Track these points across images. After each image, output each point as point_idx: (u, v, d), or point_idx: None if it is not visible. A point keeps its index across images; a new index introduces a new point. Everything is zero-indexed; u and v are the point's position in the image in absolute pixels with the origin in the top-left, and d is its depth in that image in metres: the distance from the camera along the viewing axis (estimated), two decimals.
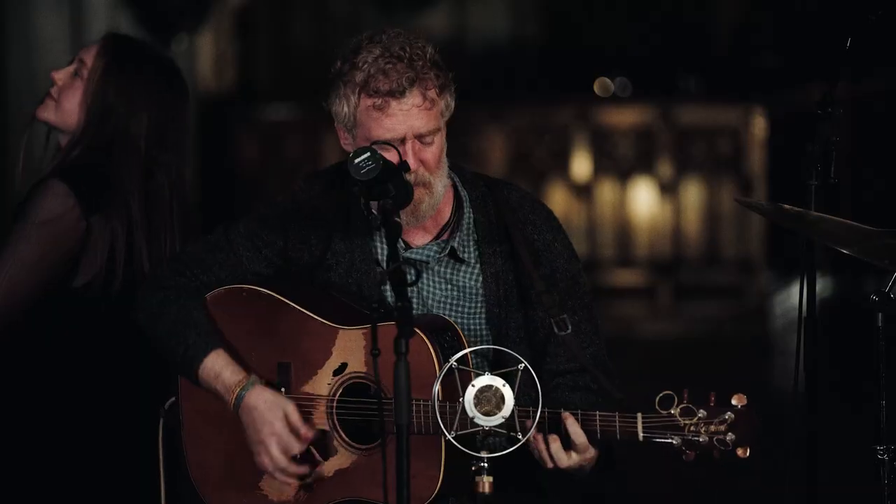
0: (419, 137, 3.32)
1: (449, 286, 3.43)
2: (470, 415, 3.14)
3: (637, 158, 11.47)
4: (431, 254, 3.42)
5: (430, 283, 3.43)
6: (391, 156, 3.24)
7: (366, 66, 3.31)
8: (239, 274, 3.43)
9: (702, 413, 3.12)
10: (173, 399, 3.49)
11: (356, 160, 3.16)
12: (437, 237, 3.43)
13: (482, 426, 3.14)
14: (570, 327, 3.31)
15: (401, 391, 2.84)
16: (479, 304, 3.42)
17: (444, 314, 3.40)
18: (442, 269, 3.43)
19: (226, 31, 12.49)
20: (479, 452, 3.16)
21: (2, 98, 8.72)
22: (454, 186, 3.46)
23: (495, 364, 3.32)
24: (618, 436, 3.15)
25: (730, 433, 3.10)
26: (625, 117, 11.58)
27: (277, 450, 3.28)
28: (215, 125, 11.59)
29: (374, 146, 3.21)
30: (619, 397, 3.23)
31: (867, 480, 3.38)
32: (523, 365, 3.17)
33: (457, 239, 3.42)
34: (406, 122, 3.30)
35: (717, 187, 11.42)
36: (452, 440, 3.14)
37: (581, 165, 11.44)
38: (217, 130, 11.60)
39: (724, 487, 6.60)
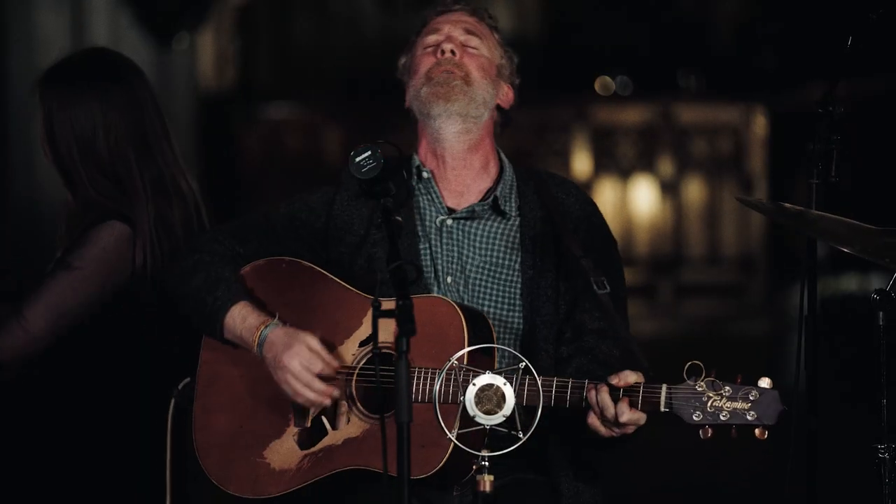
0: (463, 45, 3.47)
1: (486, 249, 3.45)
2: (471, 413, 3.14)
3: (638, 157, 11.48)
4: (476, 207, 3.47)
5: (469, 249, 3.46)
6: (392, 153, 3.26)
7: (425, 16, 3.53)
8: (275, 251, 3.48)
9: (727, 390, 3.12)
10: (188, 380, 3.52)
11: (357, 158, 3.16)
12: (482, 200, 3.49)
13: (483, 425, 3.14)
14: (608, 287, 3.30)
15: (401, 390, 2.84)
16: (515, 270, 3.45)
17: (481, 280, 3.43)
18: (483, 224, 3.46)
19: (226, 30, 12.50)
20: (479, 451, 3.15)
21: (2, 98, 8.71)
22: (499, 157, 3.58)
23: (526, 343, 3.37)
24: (639, 406, 3.14)
25: (752, 411, 3.10)
26: (626, 116, 11.59)
27: (300, 367, 3.27)
28: (216, 124, 11.59)
29: (374, 144, 3.21)
30: (645, 366, 3.21)
31: (867, 480, 3.37)
32: (524, 364, 3.17)
33: (499, 189, 3.49)
34: (449, 29, 3.48)
35: (718, 186, 11.43)
36: (454, 439, 3.14)
37: (582, 164, 11.45)
38: (218, 129, 11.59)
39: (725, 488, 6.60)
